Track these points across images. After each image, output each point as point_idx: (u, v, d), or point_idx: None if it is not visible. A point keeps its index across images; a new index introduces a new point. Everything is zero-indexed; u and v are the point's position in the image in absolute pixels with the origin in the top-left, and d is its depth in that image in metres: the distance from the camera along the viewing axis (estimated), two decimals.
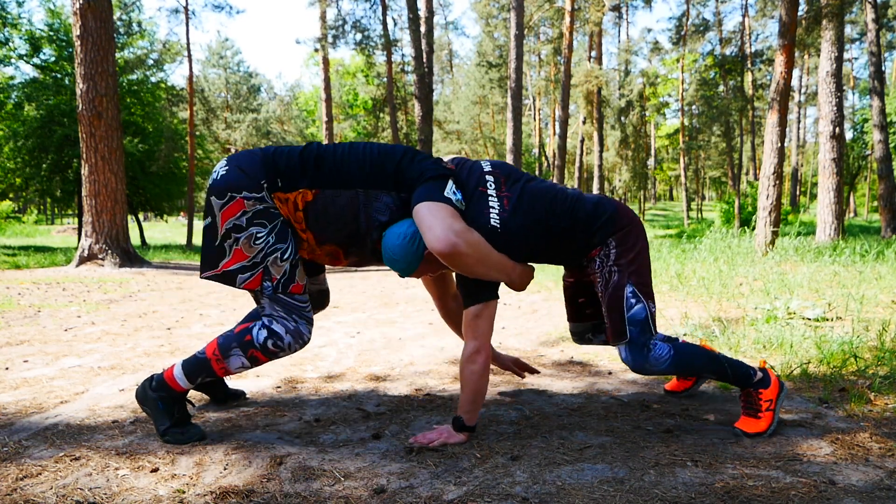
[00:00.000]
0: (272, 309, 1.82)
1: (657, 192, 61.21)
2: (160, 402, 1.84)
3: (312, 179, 1.80)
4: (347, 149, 1.87)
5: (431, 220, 1.70)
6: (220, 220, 1.79)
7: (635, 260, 1.88)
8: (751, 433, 1.83)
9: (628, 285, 1.85)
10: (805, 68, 37.46)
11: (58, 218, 52.73)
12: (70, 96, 15.57)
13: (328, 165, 1.82)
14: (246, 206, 1.77)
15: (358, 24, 18.10)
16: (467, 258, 1.71)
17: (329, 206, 1.81)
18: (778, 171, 8.51)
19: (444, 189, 1.77)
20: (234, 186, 1.78)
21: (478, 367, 1.80)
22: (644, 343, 1.83)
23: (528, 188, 1.89)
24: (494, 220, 1.80)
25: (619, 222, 1.89)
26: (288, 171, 1.80)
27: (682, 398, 2.30)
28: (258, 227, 1.78)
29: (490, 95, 30.35)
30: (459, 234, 1.69)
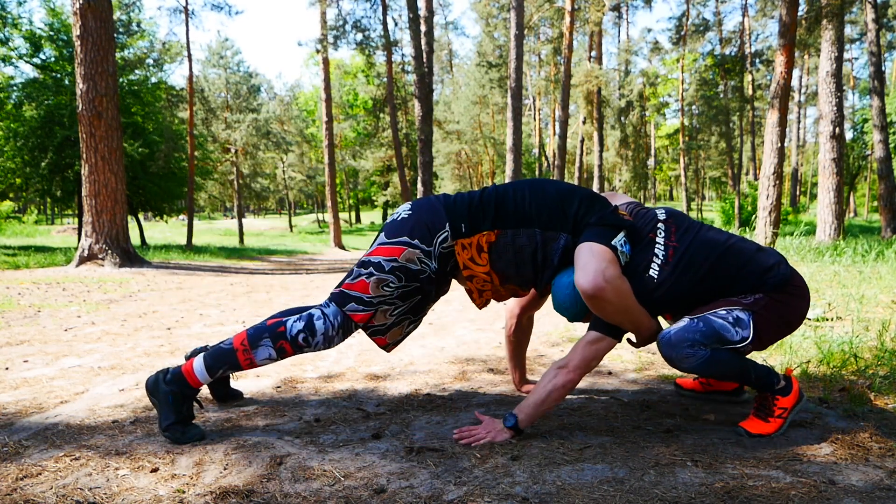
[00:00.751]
0: (333, 314, 1.90)
1: (657, 192, 61.19)
2: (171, 395, 1.85)
3: (494, 221, 1.86)
4: (528, 188, 1.92)
5: (588, 259, 1.73)
6: (375, 250, 1.88)
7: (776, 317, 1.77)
8: (754, 433, 1.82)
9: (747, 313, 1.75)
10: (805, 68, 37.46)
11: (58, 218, 52.74)
12: (70, 96, 15.57)
13: (509, 206, 1.88)
14: (401, 256, 1.84)
15: (358, 24, 18.10)
16: (609, 305, 1.73)
17: (509, 244, 1.86)
18: (778, 171, 8.52)
19: (614, 238, 1.79)
20: (408, 232, 1.86)
21: (562, 391, 1.80)
22: (693, 341, 1.72)
23: (700, 238, 1.84)
24: (654, 271, 1.80)
25: (789, 288, 1.79)
26: (471, 215, 1.87)
27: (683, 398, 2.30)
28: (394, 278, 1.86)
29: (490, 95, 30.35)
30: (609, 280, 1.70)
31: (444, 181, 34.12)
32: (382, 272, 1.85)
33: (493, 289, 1.94)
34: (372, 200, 48.23)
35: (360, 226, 44.85)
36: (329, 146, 22.93)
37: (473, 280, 1.91)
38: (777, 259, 1.85)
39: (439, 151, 31.36)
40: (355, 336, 3.71)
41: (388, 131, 25.89)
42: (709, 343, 1.73)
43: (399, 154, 18.91)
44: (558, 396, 1.81)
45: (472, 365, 2.90)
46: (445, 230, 1.85)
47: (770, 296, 1.79)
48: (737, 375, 1.82)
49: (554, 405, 1.82)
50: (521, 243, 1.86)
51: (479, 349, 3.28)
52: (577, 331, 3.69)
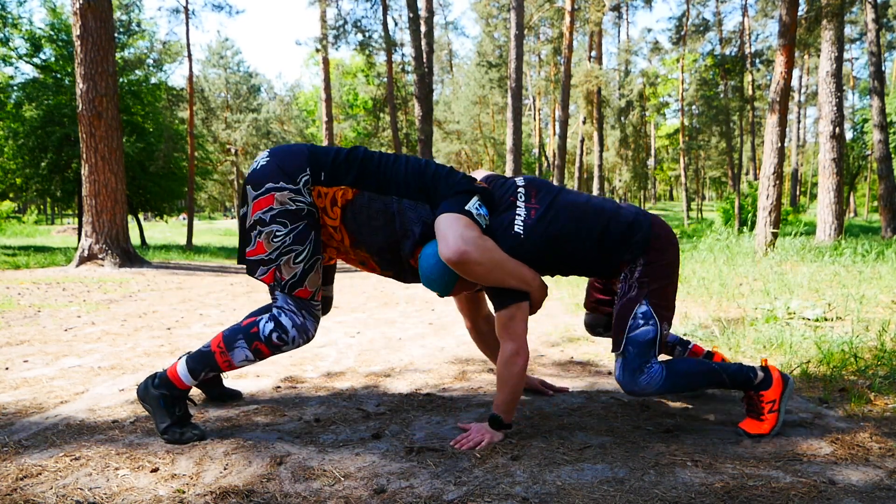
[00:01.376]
0: (284, 302, 1.87)
1: (657, 192, 61.21)
2: (161, 399, 1.85)
3: (355, 179, 1.86)
4: (392, 159, 1.93)
5: (445, 229, 1.74)
6: (251, 209, 1.86)
7: (660, 280, 1.85)
8: (752, 434, 1.83)
9: (643, 304, 1.83)
10: (805, 68, 37.46)
11: (58, 218, 52.74)
12: (70, 96, 15.56)
13: (372, 169, 1.87)
14: (274, 202, 1.82)
15: (358, 24, 18.10)
16: (478, 266, 1.72)
17: (365, 207, 1.86)
18: (778, 171, 8.52)
19: (467, 203, 1.81)
20: (270, 177, 1.83)
21: (518, 368, 1.80)
22: (638, 366, 1.80)
23: (560, 199, 1.88)
24: (518, 227, 1.82)
25: (654, 243, 1.86)
26: (334, 166, 1.86)
27: (683, 398, 2.30)
28: (278, 226, 1.82)
29: (490, 95, 30.35)
30: (469, 242, 1.71)
31: None
32: (266, 225, 1.82)
33: (341, 247, 1.93)
34: None
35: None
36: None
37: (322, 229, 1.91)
38: (634, 211, 1.91)
39: (439, 151, 31.36)
40: (355, 336, 3.71)
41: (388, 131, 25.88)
42: (647, 355, 1.79)
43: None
44: (520, 379, 1.81)
45: (472, 365, 2.90)
46: (306, 173, 1.84)
47: (646, 266, 1.84)
48: (707, 381, 1.86)
49: (521, 387, 1.83)
50: (376, 208, 1.85)
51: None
52: (576, 331, 3.69)
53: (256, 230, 1.84)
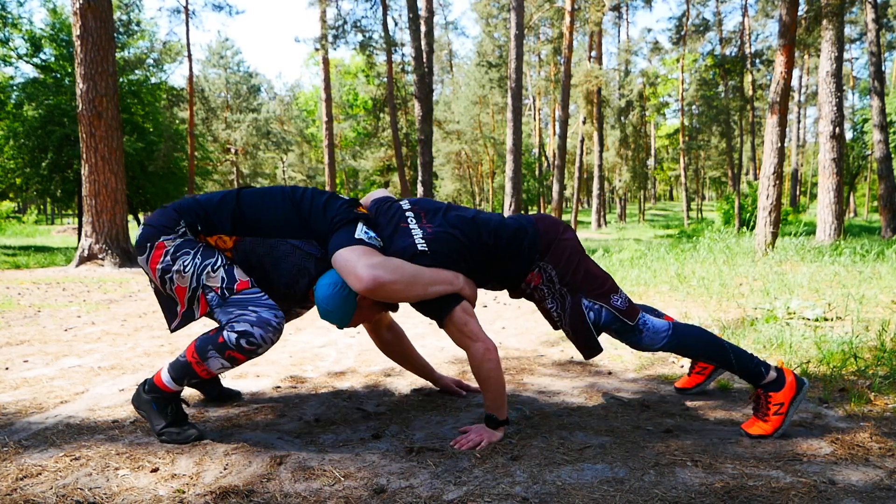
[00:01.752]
0: (226, 315, 1.79)
1: (657, 192, 61.21)
2: (153, 403, 1.85)
3: (232, 227, 1.85)
4: (268, 197, 1.91)
5: (346, 264, 1.73)
6: (152, 272, 1.83)
7: (577, 270, 1.91)
8: (754, 434, 1.81)
9: (583, 299, 1.89)
10: (805, 68, 37.46)
11: (58, 218, 52.73)
12: (70, 96, 15.56)
13: (248, 213, 1.86)
14: (165, 248, 1.81)
15: (358, 24, 18.09)
16: (395, 285, 1.72)
17: (251, 252, 1.86)
18: (778, 171, 8.52)
19: (355, 232, 1.81)
20: (149, 238, 1.83)
21: (492, 363, 1.80)
22: (631, 327, 1.89)
23: (449, 217, 1.93)
24: (421, 245, 1.83)
25: (543, 240, 1.93)
26: (206, 216, 1.85)
27: (683, 398, 2.30)
28: (182, 258, 1.81)
29: (490, 95, 30.33)
30: (377, 266, 1.71)
31: (444, 181, 34.11)
32: (171, 269, 1.80)
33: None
34: None
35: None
36: (329, 146, 22.93)
37: None
38: (517, 218, 1.99)
39: (439, 151, 31.35)
40: (355, 336, 3.70)
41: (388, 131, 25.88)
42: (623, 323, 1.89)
43: (399, 154, 18.90)
44: (497, 373, 1.81)
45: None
46: (181, 226, 1.83)
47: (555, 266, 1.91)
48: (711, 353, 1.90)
49: (503, 380, 1.83)
50: (262, 251, 1.85)
51: None
52: None
53: (168, 282, 1.82)
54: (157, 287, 1.89)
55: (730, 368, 1.90)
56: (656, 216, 42.02)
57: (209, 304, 1.81)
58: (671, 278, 5.71)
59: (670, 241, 12.62)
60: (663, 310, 4.26)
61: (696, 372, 2.31)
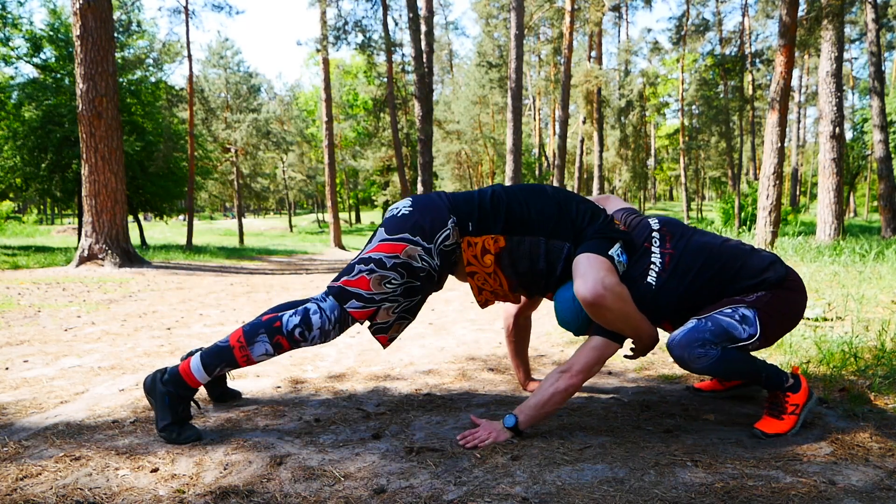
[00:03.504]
0: (331, 310, 1.87)
1: (657, 192, 61.22)
2: (167, 396, 1.85)
3: (504, 226, 1.88)
4: (534, 196, 1.94)
5: (586, 268, 1.76)
6: (375, 246, 1.86)
7: (778, 311, 1.80)
8: (770, 433, 1.81)
9: (750, 309, 1.78)
10: (805, 68, 37.46)
11: (58, 218, 52.73)
12: (70, 96, 15.56)
13: (518, 212, 1.89)
14: (402, 253, 1.83)
15: (358, 24, 18.09)
16: (609, 312, 1.74)
17: (515, 250, 1.88)
18: (778, 171, 8.52)
19: (610, 249, 1.83)
20: (409, 229, 1.85)
21: (567, 395, 1.81)
22: (703, 342, 1.73)
23: (694, 243, 1.88)
24: (652, 278, 1.83)
25: (788, 283, 1.83)
26: (480, 216, 1.88)
27: (683, 398, 2.30)
28: (395, 274, 1.84)
29: (490, 95, 30.33)
30: (608, 287, 1.72)
31: (444, 181, 34.10)
32: (384, 269, 1.84)
33: (499, 291, 1.96)
34: (372, 200, 48.25)
35: (360, 226, 44.80)
36: (329, 146, 22.93)
37: (475, 277, 1.92)
38: (772, 259, 1.88)
39: (439, 151, 31.35)
40: (354, 336, 3.70)
41: (388, 131, 25.87)
42: (719, 342, 1.74)
43: (399, 154, 18.90)
44: (560, 400, 1.81)
45: (472, 364, 2.90)
46: (447, 228, 1.86)
47: (771, 292, 1.81)
48: (748, 374, 1.84)
49: (555, 409, 1.82)
50: (525, 249, 1.88)
51: (479, 349, 3.28)
52: None
53: (369, 267, 1.85)
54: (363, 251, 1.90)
55: (759, 383, 1.88)
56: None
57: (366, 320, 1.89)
58: None
59: None
60: None
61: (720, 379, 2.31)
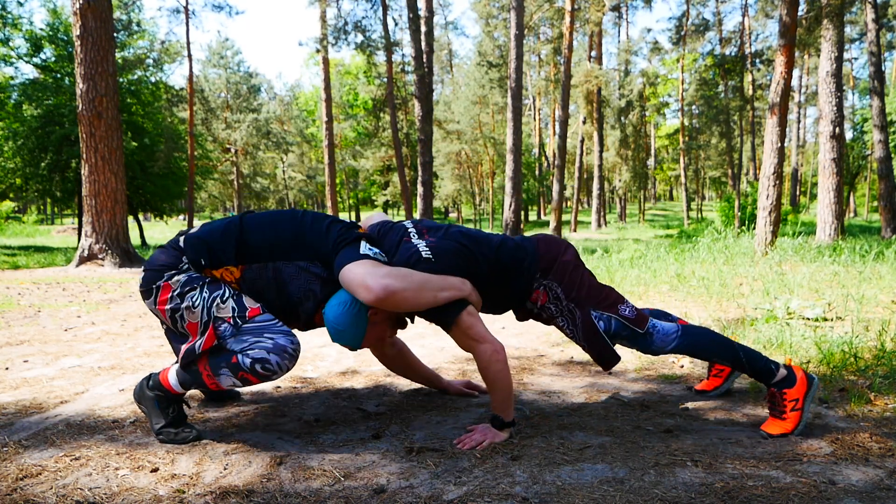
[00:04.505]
0: (240, 344, 1.76)
1: (657, 192, 61.23)
2: (156, 400, 1.85)
3: (236, 256, 1.84)
4: (269, 222, 1.90)
5: (354, 276, 1.73)
6: (160, 312, 1.83)
7: (581, 285, 1.93)
8: (775, 434, 1.81)
9: (592, 311, 1.91)
10: (805, 68, 37.46)
11: (58, 218, 52.73)
12: (70, 96, 15.56)
13: (252, 241, 1.86)
14: (172, 287, 1.80)
15: (359, 24, 18.09)
16: (405, 293, 1.72)
17: (258, 279, 1.85)
18: (778, 171, 8.51)
19: (360, 249, 1.82)
20: (153, 280, 1.82)
21: (500, 364, 1.80)
22: (642, 334, 1.90)
23: (451, 231, 1.96)
24: (426, 253, 1.84)
25: (545, 258, 1.94)
26: (210, 250, 1.84)
27: (683, 399, 2.30)
28: (190, 294, 1.79)
29: (490, 95, 30.33)
30: (386, 276, 1.72)
31: (444, 181, 34.11)
32: (180, 308, 1.79)
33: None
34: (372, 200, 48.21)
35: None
36: (329, 146, 22.93)
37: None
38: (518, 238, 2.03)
39: (439, 151, 31.34)
40: None
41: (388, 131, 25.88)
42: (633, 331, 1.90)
43: (399, 154, 18.90)
44: (504, 374, 1.81)
45: (472, 364, 2.90)
46: (184, 262, 1.82)
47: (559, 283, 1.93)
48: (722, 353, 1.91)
49: (510, 381, 1.82)
50: (268, 277, 1.84)
51: None
52: None
53: (179, 319, 1.81)
54: (169, 327, 1.87)
55: (740, 368, 1.91)
56: (656, 216, 42.01)
57: (220, 337, 1.78)
58: (671, 278, 5.71)
59: (670, 242, 12.62)
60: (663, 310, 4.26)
61: (714, 375, 2.31)
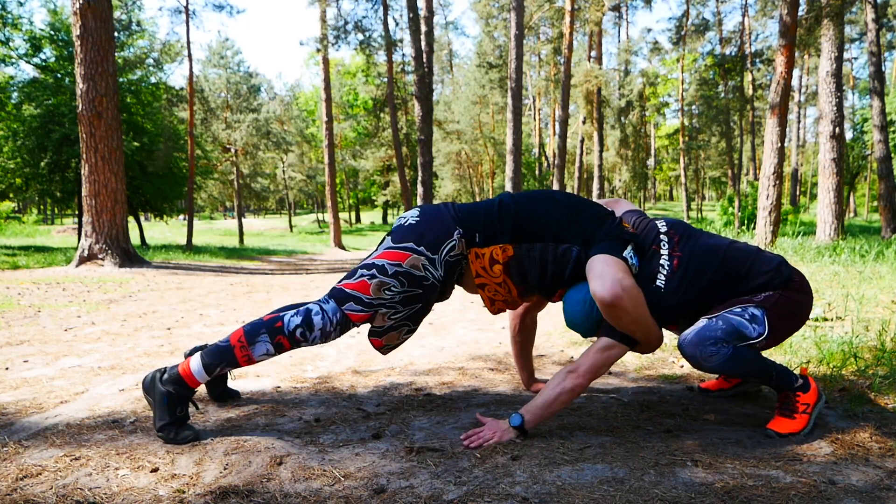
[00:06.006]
0: (333, 313, 1.87)
1: (657, 192, 61.23)
2: (166, 396, 1.85)
3: (512, 235, 1.88)
4: (541, 201, 1.94)
5: (604, 269, 1.76)
6: (380, 253, 1.88)
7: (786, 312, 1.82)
8: (784, 433, 1.81)
9: (759, 308, 1.80)
10: (805, 68, 37.46)
11: (58, 218, 52.73)
12: (70, 96, 15.56)
13: (526, 220, 1.90)
14: (405, 262, 1.84)
15: (359, 24, 18.09)
16: (625, 314, 1.75)
17: (525, 258, 1.89)
18: (778, 171, 8.52)
19: (624, 251, 1.83)
20: (414, 239, 1.86)
21: (573, 395, 1.82)
22: (716, 340, 1.75)
23: (701, 245, 1.90)
24: (660, 281, 1.84)
25: (793, 284, 1.85)
26: (487, 226, 1.89)
27: (683, 399, 2.30)
28: (396, 282, 1.85)
29: (490, 95, 30.33)
30: (626, 289, 1.73)
31: (444, 181, 34.10)
32: (385, 275, 1.85)
33: (509, 298, 1.97)
34: (372, 200, 48.25)
35: (360, 226, 44.79)
36: (329, 146, 22.93)
37: (486, 288, 1.93)
38: (778, 260, 1.90)
39: (439, 151, 31.35)
40: (355, 336, 3.71)
41: (388, 131, 25.89)
42: (730, 340, 1.76)
43: (399, 154, 18.90)
44: (566, 399, 1.82)
45: (473, 364, 2.90)
46: (453, 239, 1.86)
47: (778, 292, 1.83)
48: (759, 371, 1.85)
49: (560, 408, 1.83)
50: (534, 256, 1.88)
51: (479, 349, 3.28)
52: None
53: (371, 272, 1.85)
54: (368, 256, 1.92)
55: (769, 383, 1.89)
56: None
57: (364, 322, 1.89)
58: None
59: None
60: None
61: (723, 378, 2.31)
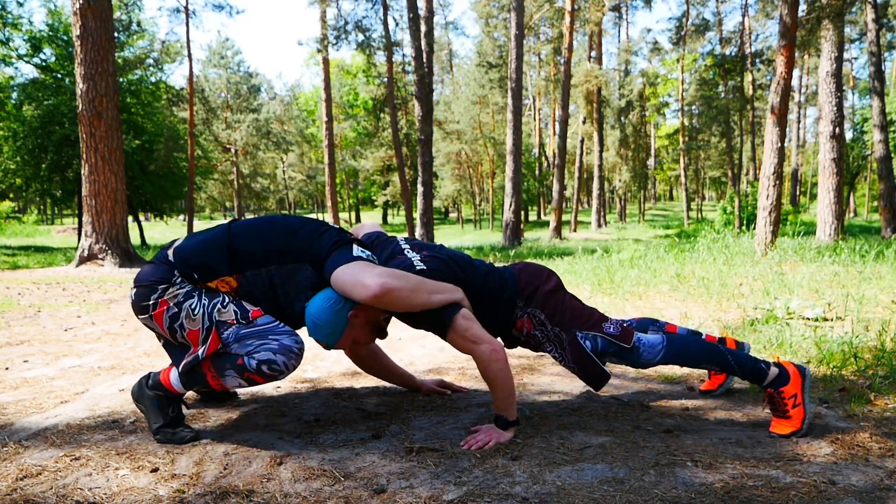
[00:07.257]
0: (245, 348, 1.75)
1: (657, 192, 61.23)
2: (155, 400, 1.85)
3: (230, 266, 1.84)
4: (259, 227, 1.90)
5: (352, 275, 1.74)
6: (159, 326, 1.80)
7: (564, 309, 1.97)
8: (786, 434, 1.81)
9: (577, 332, 1.94)
10: (805, 68, 37.46)
11: (58, 218, 52.73)
12: (70, 96, 15.57)
13: (243, 249, 1.85)
14: (168, 301, 1.78)
15: (359, 24, 18.09)
16: (401, 291, 1.74)
17: (253, 285, 1.85)
18: (778, 171, 8.51)
19: (353, 252, 1.82)
20: (147, 296, 1.79)
21: (500, 363, 1.80)
22: (629, 349, 1.93)
23: (444, 251, 2.01)
24: (419, 265, 1.88)
25: (526, 289, 1.98)
26: (202, 263, 1.82)
27: (683, 398, 2.30)
28: (188, 302, 1.77)
29: (490, 95, 30.34)
30: (383, 274, 1.74)
31: (444, 181, 34.11)
32: (178, 317, 1.77)
33: None
34: (372, 200, 48.22)
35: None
36: (329, 146, 22.93)
37: None
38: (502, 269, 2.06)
39: (439, 151, 31.35)
40: None
41: (388, 131, 25.88)
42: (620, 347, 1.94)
43: (399, 154, 18.90)
44: (504, 374, 1.81)
45: (473, 364, 2.90)
46: (176, 276, 1.79)
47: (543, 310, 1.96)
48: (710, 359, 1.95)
49: (511, 380, 1.83)
50: (261, 283, 1.85)
51: None
52: None
53: (179, 329, 1.78)
54: (168, 340, 1.85)
55: (732, 372, 1.93)
56: (656, 216, 42.00)
57: (224, 342, 1.76)
58: (671, 278, 5.71)
59: (670, 242, 12.62)
60: (663, 311, 4.26)
61: (715, 373, 2.32)
